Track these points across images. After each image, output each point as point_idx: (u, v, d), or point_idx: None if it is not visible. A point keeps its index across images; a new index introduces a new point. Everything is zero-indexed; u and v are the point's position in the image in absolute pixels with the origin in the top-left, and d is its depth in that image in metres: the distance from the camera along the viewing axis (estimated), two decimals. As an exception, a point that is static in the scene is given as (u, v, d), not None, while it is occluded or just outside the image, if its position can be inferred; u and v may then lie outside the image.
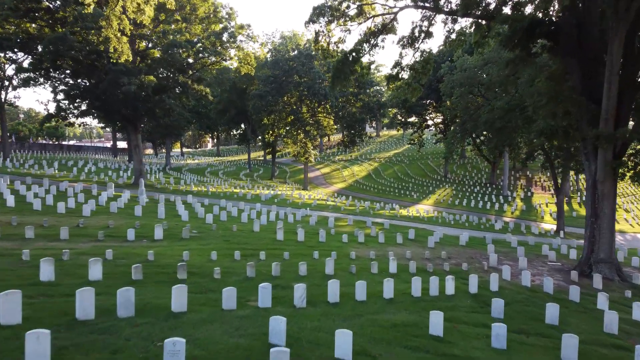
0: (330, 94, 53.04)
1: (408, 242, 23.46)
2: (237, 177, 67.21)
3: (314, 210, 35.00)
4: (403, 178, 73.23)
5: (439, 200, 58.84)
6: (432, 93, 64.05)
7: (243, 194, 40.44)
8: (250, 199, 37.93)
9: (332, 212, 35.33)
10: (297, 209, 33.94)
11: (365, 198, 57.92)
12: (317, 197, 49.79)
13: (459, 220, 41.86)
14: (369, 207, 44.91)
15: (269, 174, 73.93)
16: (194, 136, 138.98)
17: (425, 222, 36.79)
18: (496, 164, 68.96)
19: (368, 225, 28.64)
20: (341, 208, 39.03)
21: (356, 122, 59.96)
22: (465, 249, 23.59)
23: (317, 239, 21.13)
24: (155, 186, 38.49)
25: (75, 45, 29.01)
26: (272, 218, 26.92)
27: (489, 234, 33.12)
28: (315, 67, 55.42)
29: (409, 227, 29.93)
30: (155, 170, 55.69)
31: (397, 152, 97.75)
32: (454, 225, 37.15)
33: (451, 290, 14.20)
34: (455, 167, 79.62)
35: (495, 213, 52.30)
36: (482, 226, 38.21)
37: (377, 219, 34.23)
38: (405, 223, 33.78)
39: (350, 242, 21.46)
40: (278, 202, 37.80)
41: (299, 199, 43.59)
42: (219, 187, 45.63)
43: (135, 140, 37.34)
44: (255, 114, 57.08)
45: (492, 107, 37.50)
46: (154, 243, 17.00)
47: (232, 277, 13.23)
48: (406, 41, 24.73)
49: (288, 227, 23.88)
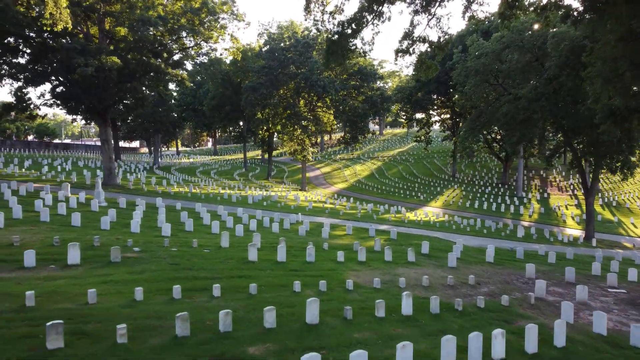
0: (329, 86, 47.71)
1: (422, 260, 18.17)
2: (231, 176, 62.02)
3: (308, 216, 29.75)
4: (408, 178, 67.89)
5: (447, 201, 53.48)
6: (441, 86, 58.57)
7: (229, 195, 35.24)
8: (235, 201, 32.73)
9: (329, 218, 30.06)
10: (288, 213, 28.73)
11: (367, 199, 52.62)
12: (314, 199, 44.52)
13: (474, 225, 36.52)
14: (372, 210, 39.64)
15: (266, 174, 68.75)
16: (193, 135, 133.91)
17: (437, 228, 31.44)
18: (508, 163, 63.49)
19: (371, 235, 23.35)
20: (340, 212, 33.74)
21: (358, 117, 54.51)
22: (495, 268, 18.27)
23: (303, 257, 15.87)
24: (128, 187, 33.35)
25: (20, 19, 23.87)
26: (254, 227, 21.67)
27: (514, 243, 27.78)
28: (314, 57, 50.10)
29: (420, 237, 24.63)
30: (140, 170, 50.57)
31: (401, 151, 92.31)
32: (470, 232, 31.80)
33: (501, 353, 8.93)
34: (463, 166, 74.19)
35: (511, 216, 46.89)
36: (502, 233, 32.85)
37: (381, 225, 28.95)
38: (414, 231, 28.47)
39: (347, 262, 16.20)
40: (267, 206, 32.57)
41: (293, 202, 38.35)
42: (204, 188, 40.46)
43: (105, 133, 32.17)
44: (248, 107, 51.79)
45: (514, 96, 32.11)
46: (64, 270, 11.78)
47: (147, 341, 7.99)
48: (419, 4, 19.41)
49: (269, 240, 18.65)
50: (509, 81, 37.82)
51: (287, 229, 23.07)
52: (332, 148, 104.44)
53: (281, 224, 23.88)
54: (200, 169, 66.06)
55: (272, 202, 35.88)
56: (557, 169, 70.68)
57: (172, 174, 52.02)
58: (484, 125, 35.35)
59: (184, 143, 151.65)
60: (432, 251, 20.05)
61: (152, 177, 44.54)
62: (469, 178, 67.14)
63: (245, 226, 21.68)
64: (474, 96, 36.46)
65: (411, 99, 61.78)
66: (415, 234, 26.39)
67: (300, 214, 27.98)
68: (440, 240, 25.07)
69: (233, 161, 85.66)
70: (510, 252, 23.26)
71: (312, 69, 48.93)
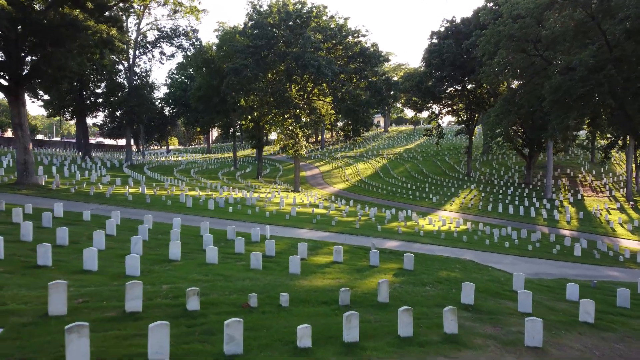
0: (325, 67, 38.84)
1: (469, 324, 9.29)
2: (215, 176, 53.37)
3: (286, 227, 20.98)
4: (417, 177, 58.90)
5: (465, 204, 44.51)
6: (456, 71, 49.53)
7: (196, 197, 26.62)
8: (190, 207, 24.01)
9: (315, 230, 21.25)
10: (259, 224, 20.04)
11: (371, 202, 43.79)
12: (304, 202, 35.75)
13: (507, 236, 27.63)
14: (376, 215, 30.81)
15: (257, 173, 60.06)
16: (189, 133, 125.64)
17: (465, 243, 22.52)
18: (533, 160, 54.32)
19: (373, 263, 14.50)
20: (333, 220, 24.85)
21: (360, 106, 45.55)
22: (606, 341, 9.41)
23: (220, 343, 7.02)
24: (49, 187, 24.76)
25: None
26: (175, 255, 12.81)
27: (576, 267, 18.95)
28: (308, 33, 41.28)
29: (447, 262, 15.82)
30: (96, 167, 42.01)
31: (408, 148, 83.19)
32: (510, 248, 22.85)
33: None
34: (478, 164, 65.05)
35: (545, 223, 37.87)
36: (553, 249, 23.90)
37: (388, 241, 20.13)
38: (436, 249, 19.60)
39: (318, 349, 7.34)
40: (233, 212, 23.83)
41: (274, 206, 29.60)
42: (168, 189, 31.85)
43: (18, 116, 23.57)
44: (230, 93, 43.06)
45: (568, 65, 23.15)
46: None
47: None
48: None
49: (178, 286, 9.92)
50: (551, 53, 28.79)
51: (239, 253, 14.26)
52: (333, 146, 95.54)
53: (229, 245, 15.07)
54: (180, 167, 57.41)
55: (246, 206, 27.16)
56: (586, 167, 61.35)
57: (138, 173, 43.42)
58: (520, 107, 26.34)
59: (181, 142, 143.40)
60: (480, 297, 11.21)
61: (107, 175, 36.00)
62: (486, 177, 58.02)
63: (163, 243, 12.92)
64: (509, 69, 27.43)
65: (421, 86, 52.76)
66: (438, 256, 17.54)
67: (277, 224, 19.23)
68: (480, 267, 16.22)
69: (225, 159, 77.05)
70: (593, 290, 14.39)
71: (305, 47, 40.10)
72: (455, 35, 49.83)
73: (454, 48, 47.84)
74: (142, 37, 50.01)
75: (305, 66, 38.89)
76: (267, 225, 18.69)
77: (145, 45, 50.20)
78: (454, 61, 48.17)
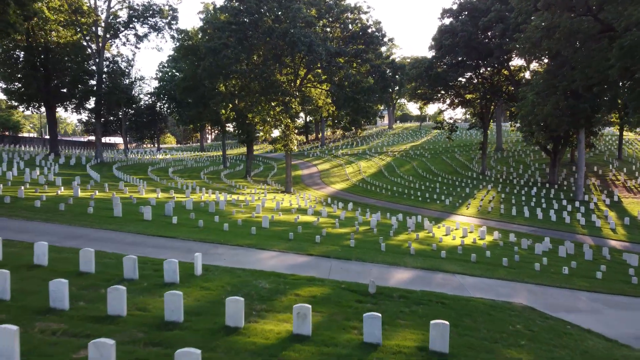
0: (317, 44, 31.89)
1: None
2: (197, 175, 46.56)
3: (246, 248, 14.00)
4: (425, 176, 51.80)
5: (484, 208, 37.46)
6: (472, 53, 42.25)
7: (131, 203, 19.79)
8: (119, 216, 17.13)
9: (288, 253, 14.27)
10: (204, 242, 13.19)
11: (373, 205, 36.85)
12: (291, 206, 28.79)
13: (553, 251, 20.58)
14: (378, 224, 23.81)
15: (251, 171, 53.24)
16: (185, 130, 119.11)
17: (507, 269, 15.39)
18: (558, 156, 47.07)
19: (370, 340, 7.46)
20: (318, 235, 17.83)
21: (360, 93, 38.48)
22: None
23: None
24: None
25: None
26: None
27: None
28: (298, 5, 34.32)
29: (493, 309, 8.79)
30: (46, 165, 35.32)
31: (414, 145, 75.94)
32: (573, 279, 15.68)
33: None
34: (492, 162, 57.78)
35: (586, 232, 30.77)
36: (632, 277, 16.79)
37: (395, 270, 13.13)
38: (467, 281, 12.53)
39: None
40: (178, 225, 16.88)
41: (248, 212, 22.65)
42: (115, 192, 25.06)
43: None
44: (208, 78, 36.20)
45: None
46: None
47: None
48: None
49: None
50: (608, 14, 21.58)
51: (115, 316, 7.34)
52: (334, 143, 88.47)
53: (100, 298, 8.12)
54: (161, 166, 50.61)
55: (207, 214, 20.26)
56: (614, 164, 53.90)
57: (97, 172, 36.62)
58: (572, 80, 19.23)
59: (179, 140, 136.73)
60: None
61: (49, 174, 29.31)
62: (503, 176, 50.79)
63: None
64: (552, 32, 20.28)
65: (430, 73, 45.61)
66: (477, 302, 10.50)
67: (220, 248, 12.31)
68: (553, 328, 9.18)
69: (216, 158, 70.22)
70: None
71: (294, 20, 33.13)
72: (471, 12, 42.64)
73: (469, 26, 40.67)
74: (113, 17, 43.23)
75: (294, 43, 31.87)
76: (218, 245, 11.84)
77: (117, 27, 43.40)
78: (469, 42, 40.99)
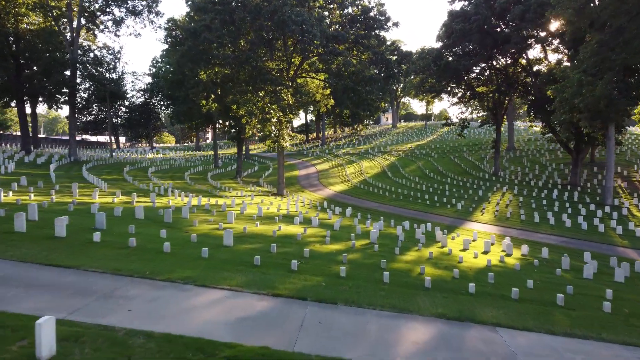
0: (311, 24, 27.21)
1: None
2: (180, 175, 41.91)
3: (174, 286, 9.25)
4: (432, 177, 46.95)
5: (501, 213, 32.56)
6: (486, 39, 37.35)
7: (48, 210, 15.14)
8: (23, 232, 12.44)
9: (243, 292, 9.53)
10: (109, 274, 8.39)
11: (375, 210, 32.06)
12: (277, 212, 23.99)
13: (605, 274, 15.71)
14: (380, 237, 19.00)
15: (243, 171, 48.64)
16: (183, 130, 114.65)
17: (564, 314, 10.55)
18: (581, 156, 42.11)
19: None
20: (295, 260, 13.07)
21: (362, 84, 33.67)
22: None
23: None
24: None
25: None
26: None
27: None
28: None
29: None
30: (5, 163, 30.81)
31: (420, 144, 71.03)
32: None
33: None
34: (505, 162, 52.82)
35: (628, 243, 25.80)
36: None
37: (406, 319, 8.30)
38: (516, 343, 7.69)
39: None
40: (101, 244, 12.15)
41: (211, 224, 17.89)
42: (58, 196, 20.44)
43: None
44: (188, 65, 31.59)
45: None
46: None
47: None
48: None
49: None
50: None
51: None
52: (335, 142, 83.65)
53: None
54: (142, 165, 45.96)
55: (156, 224, 15.54)
56: (639, 164, 48.83)
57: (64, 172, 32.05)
58: (636, 52, 14.37)
59: (178, 140, 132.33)
60: None
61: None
62: (518, 177, 45.81)
63: None
64: None
65: (439, 63, 40.71)
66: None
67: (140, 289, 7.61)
68: None
69: (210, 157, 65.60)
70: None
71: (284, 0, 28.39)
72: (485, -7, 37.77)
73: (483, 9, 35.79)
74: (88, 1, 38.74)
75: (283, 22, 27.18)
76: (137, 281, 7.17)
77: (91, 11, 38.87)
78: (482, 27, 36.11)
